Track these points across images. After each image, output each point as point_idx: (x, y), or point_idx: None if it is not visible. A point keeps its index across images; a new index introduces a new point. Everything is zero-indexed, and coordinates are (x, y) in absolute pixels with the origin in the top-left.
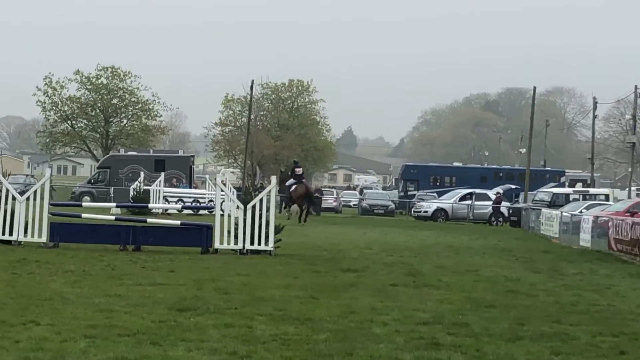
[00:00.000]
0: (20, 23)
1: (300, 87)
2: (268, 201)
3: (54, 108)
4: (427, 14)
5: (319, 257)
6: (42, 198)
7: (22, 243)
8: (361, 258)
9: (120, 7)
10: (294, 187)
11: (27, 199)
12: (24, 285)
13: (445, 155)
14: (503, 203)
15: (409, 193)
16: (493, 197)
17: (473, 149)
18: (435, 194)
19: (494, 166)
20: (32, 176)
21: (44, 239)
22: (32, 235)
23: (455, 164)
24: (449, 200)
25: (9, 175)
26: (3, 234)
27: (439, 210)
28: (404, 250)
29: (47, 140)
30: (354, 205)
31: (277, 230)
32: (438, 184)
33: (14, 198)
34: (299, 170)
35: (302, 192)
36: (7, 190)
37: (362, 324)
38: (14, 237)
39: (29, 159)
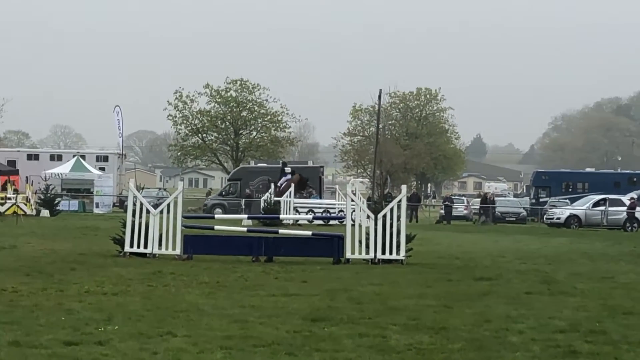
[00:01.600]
0: (155, 36)
1: (428, 96)
2: (398, 210)
3: (185, 122)
4: (556, 23)
5: (451, 265)
6: (175, 211)
7: (157, 255)
8: (494, 266)
9: (248, 22)
10: (285, 183)
11: (161, 212)
12: (159, 297)
13: (577, 161)
14: (638, 208)
15: (541, 200)
16: (627, 202)
17: (605, 154)
18: (567, 201)
19: (628, 171)
20: (165, 189)
21: (177, 251)
22: (167, 248)
23: (588, 169)
24: (582, 206)
25: (143, 188)
26: (138, 246)
27: (572, 216)
28: (538, 257)
29: (179, 153)
30: None
31: (409, 239)
32: (570, 190)
33: (148, 211)
34: (287, 170)
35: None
36: (142, 204)
37: (498, 333)
38: (148, 250)
39: (161, 173)
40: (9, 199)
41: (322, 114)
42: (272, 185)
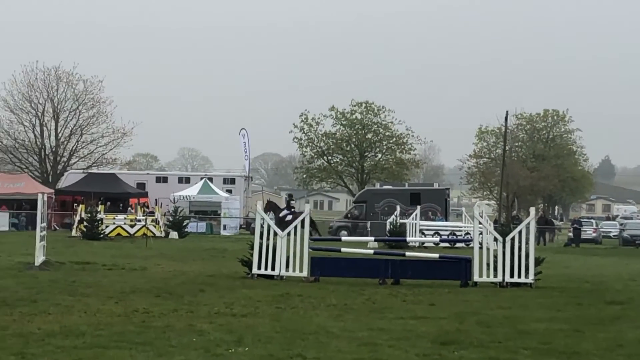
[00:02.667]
0: (274, 55)
1: (555, 117)
2: (527, 233)
3: (310, 144)
4: None
5: (581, 289)
6: (302, 233)
7: (284, 277)
8: (625, 290)
9: (371, 43)
10: (289, 217)
11: (288, 234)
12: (288, 319)
13: None
14: None
15: None
16: None
17: None
18: None
19: None
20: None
21: (304, 273)
22: (294, 270)
23: None
24: None
25: (270, 211)
26: (266, 268)
27: None
28: None
29: (304, 176)
30: (614, 236)
31: (537, 262)
32: None
33: (275, 234)
34: (293, 204)
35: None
36: (269, 226)
37: (631, 358)
38: (276, 272)
39: (286, 195)
40: (139, 220)
41: (447, 136)
42: (398, 208)
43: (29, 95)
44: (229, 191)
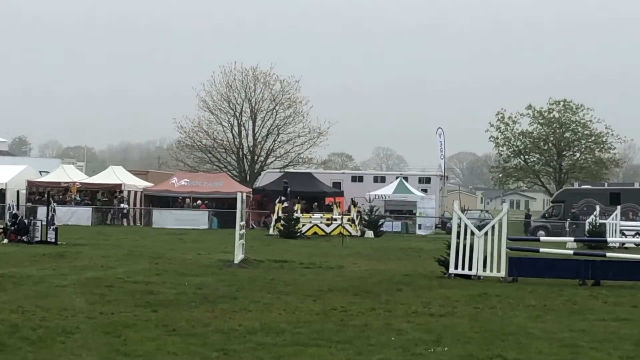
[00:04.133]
0: (474, 53)
1: None
2: None
3: (507, 143)
4: None
5: None
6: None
7: (482, 277)
8: None
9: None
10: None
11: (485, 233)
12: (487, 320)
13: None
14: None
15: None
16: None
17: None
18: None
19: None
20: (487, 211)
21: (502, 273)
22: (491, 270)
23: None
24: None
25: (466, 210)
26: (462, 268)
27: None
28: None
29: (500, 175)
30: None
31: None
32: None
33: (472, 233)
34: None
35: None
36: (466, 226)
37: None
38: (473, 272)
39: (481, 194)
40: (335, 220)
41: None
42: (597, 208)
43: (228, 96)
44: (424, 190)
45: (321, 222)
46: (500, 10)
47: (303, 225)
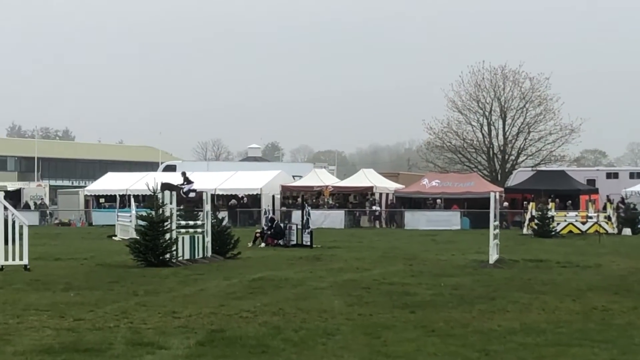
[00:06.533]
0: None
1: None
2: None
3: None
4: None
5: None
6: None
7: None
8: None
9: None
10: (192, 194)
11: None
12: None
13: None
14: None
15: None
16: None
17: None
18: None
19: None
20: None
21: None
22: None
23: None
24: None
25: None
26: None
27: None
28: None
29: None
30: None
31: None
32: None
33: None
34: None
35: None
36: None
37: None
38: None
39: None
40: (590, 217)
41: None
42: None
43: (476, 95)
44: None
45: (576, 221)
46: None
47: (557, 224)
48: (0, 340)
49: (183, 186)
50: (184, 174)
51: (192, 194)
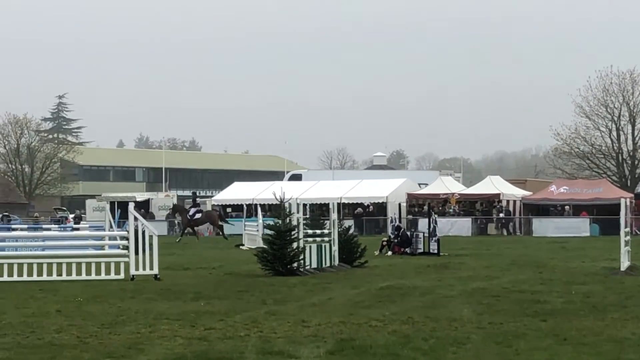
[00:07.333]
0: None
1: None
2: None
3: None
4: None
5: None
6: None
7: None
8: None
9: None
10: (197, 214)
11: None
12: None
13: None
14: None
15: None
16: None
17: None
18: None
19: None
20: None
21: None
22: None
23: None
24: None
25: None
26: None
27: None
28: None
29: None
30: None
31: None
32: None
33: None
34: (199, 201)
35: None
36: None
37: None
38: None
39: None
40: None
41: None
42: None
43: (605, 100)
44: None
45: None
46: None
47: None
48: (133, 349)
49: (190, 209)
50: (194, 198)
51: (198, 215)
